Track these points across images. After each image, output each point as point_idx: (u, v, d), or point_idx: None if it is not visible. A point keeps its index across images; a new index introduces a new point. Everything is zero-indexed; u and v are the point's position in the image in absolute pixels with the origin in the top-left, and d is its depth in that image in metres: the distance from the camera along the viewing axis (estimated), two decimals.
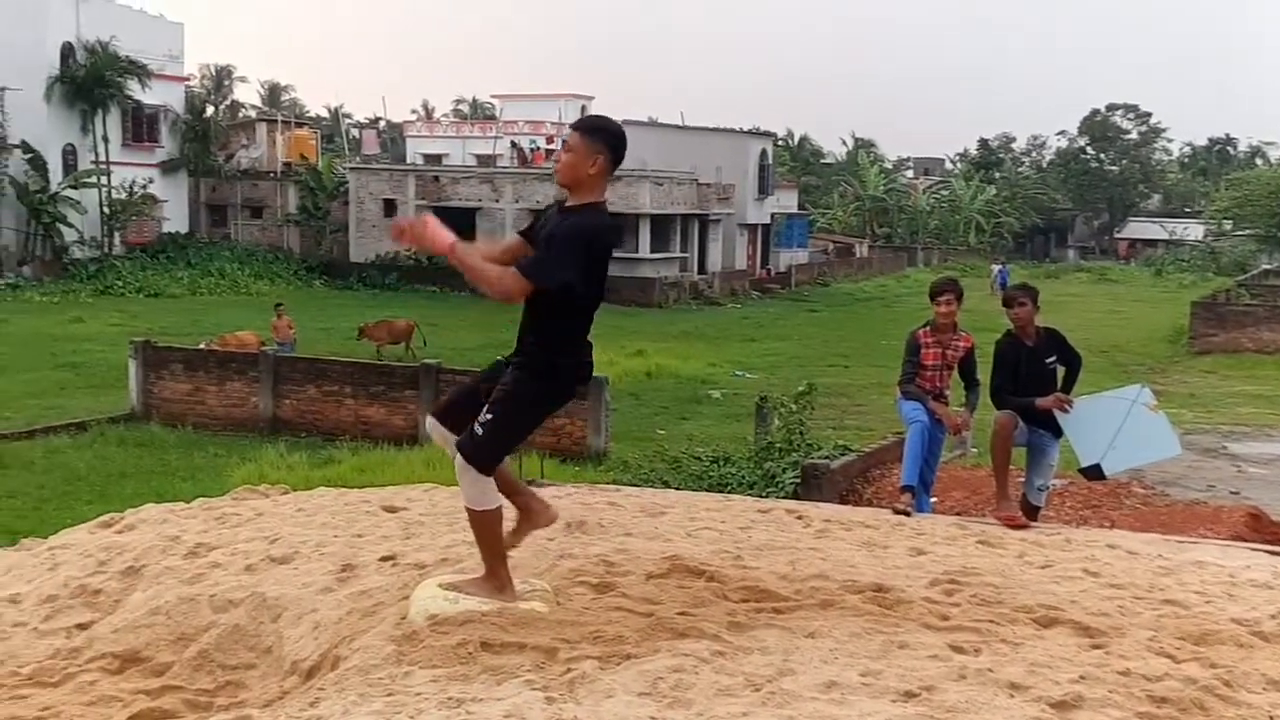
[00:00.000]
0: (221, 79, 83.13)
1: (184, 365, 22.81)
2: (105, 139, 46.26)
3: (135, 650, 4.72)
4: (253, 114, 72.33)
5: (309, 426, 21.82)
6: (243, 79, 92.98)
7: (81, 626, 5.02)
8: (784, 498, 12.22)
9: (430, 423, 4.68)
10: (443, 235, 4.29)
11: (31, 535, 7.12)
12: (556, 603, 4.50)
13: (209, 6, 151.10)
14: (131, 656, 4.69)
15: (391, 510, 6.36)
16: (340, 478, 16.13)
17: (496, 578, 4.49)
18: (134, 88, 47.10)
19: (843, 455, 15.37)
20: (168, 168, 51.17)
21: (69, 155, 46.81)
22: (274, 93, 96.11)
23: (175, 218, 51.63)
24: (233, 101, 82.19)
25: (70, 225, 44.41)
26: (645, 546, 5.44)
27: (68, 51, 46.60)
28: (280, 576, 5.10)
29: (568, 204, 4.46)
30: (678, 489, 13.08)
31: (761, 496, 11.43)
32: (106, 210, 46.48)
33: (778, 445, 16.11)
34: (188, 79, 59.06)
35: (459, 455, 4.39)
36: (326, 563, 5.23)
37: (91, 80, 45.94)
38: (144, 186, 48.17)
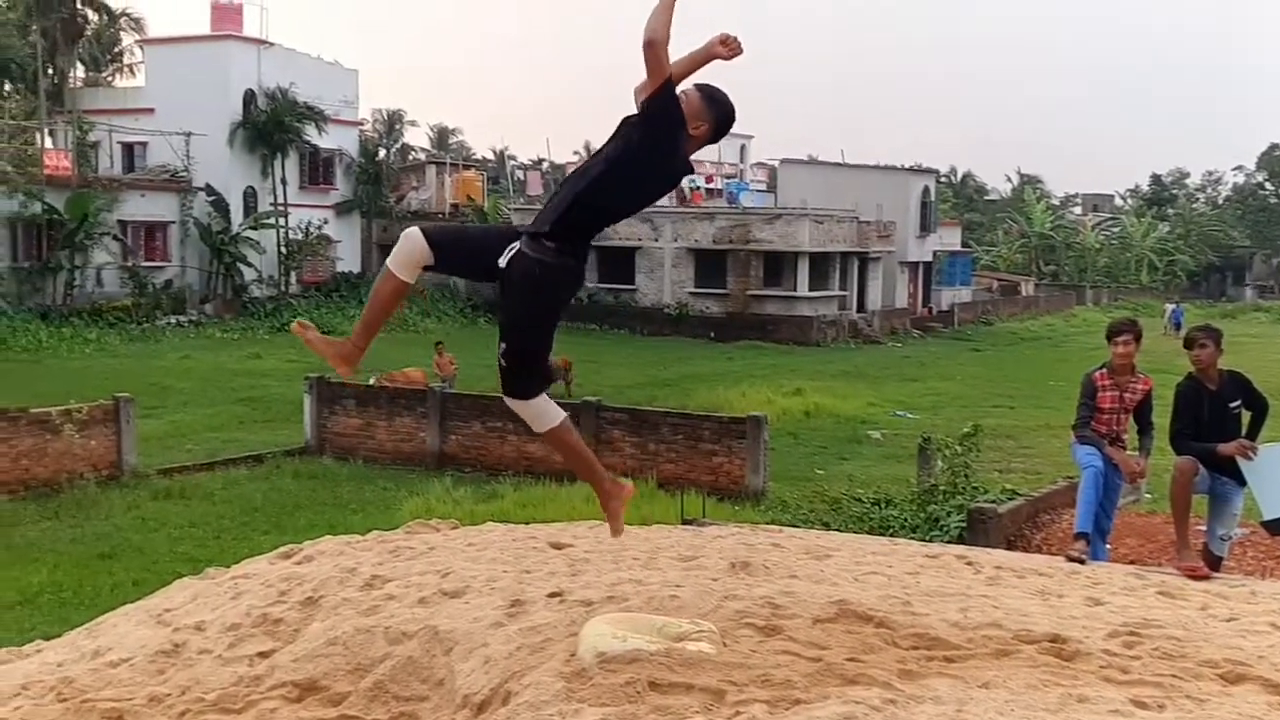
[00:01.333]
0: (393, 123, 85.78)
1: (355, 401, 23.52)
2: (284, 182, 48.23)
3: (314, 679, 4.85)
4: (422, 157, 74.48)
5: (474, 461, 22.25)
6: (413, 123, 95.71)
7: (263, 654, 5.18)
8: (949, 542, 11.97)
9: (413, 233, 4.47)
10: None
11: (213, 564, 7.39)
12: (723, 644, 4.48)
13: (383, 54, 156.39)
14: (310, 685, 4.82)
15: (558, 547, 6.43)
16: (504, 512, 16.41)
17: (599, 481, 4.62)
18: (311, 133, 49.04)
19: (1010, 499, 14.99)
20: (342, 209, 53.05)
21: (249, 197, 48.94)
22: (442, 136, 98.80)
23: (348, 257, 53.45)
24: (403, 145, 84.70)
25: (250, 265, 46.36)
26: (811, 590, 5.39)
27: (249, 99, 48.78)
28: (452, 610, 5.19)
29: None
30: (838, 530, 12.94)
31: (925, 540, 11.22)
32: (284, 250, 48.39)
33: (941, 488, 15.84)
34: (361, 124, 61.24)
35: (509, 399, 4.49)
36: (496, 597, 5.31)
37: (271, 126, 47.98)
38: (319, 227, 50.05)
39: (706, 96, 4.38)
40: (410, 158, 77.35)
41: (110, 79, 59.90)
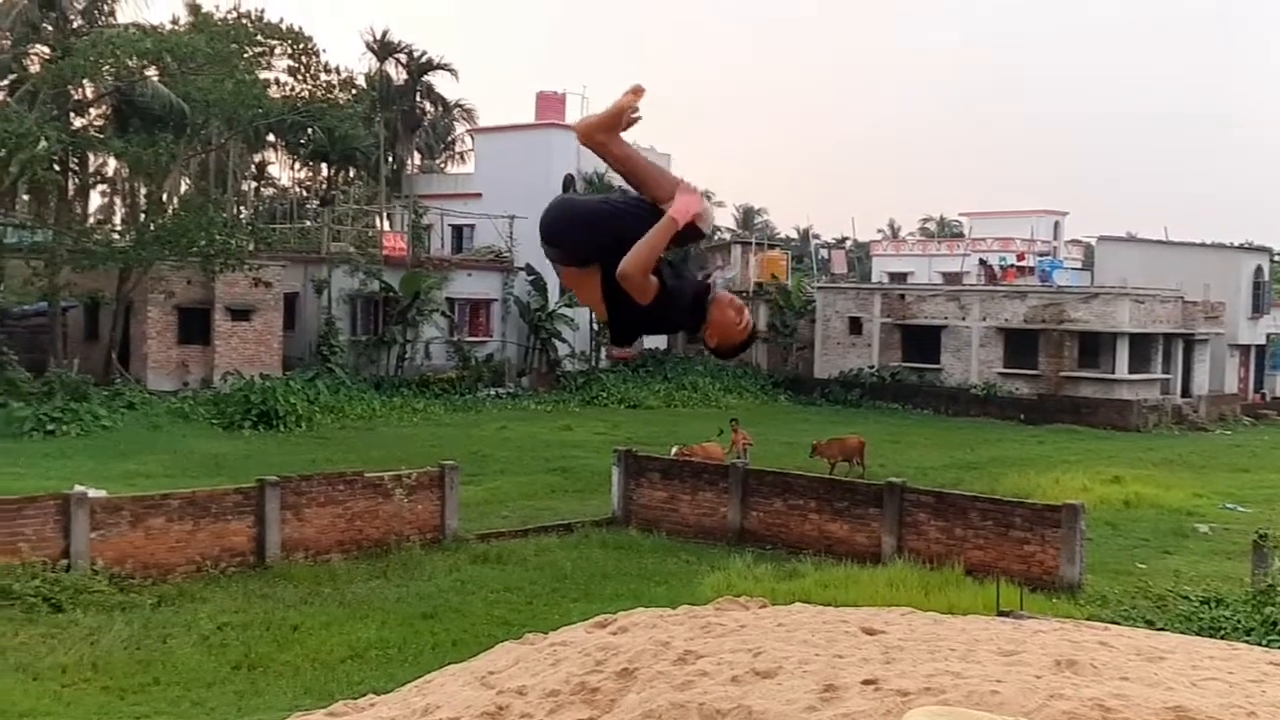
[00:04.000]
0: None
1: (661, 474, 23.98)
2: None
3: None
4: (728, 236, 75.71)
5: (774, 539, 22.22)
6: (720, 204, 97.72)
7: None
8: None
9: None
10: (693, 203, 3.96)
11: (526, 628, 7.67)
12: None
13: (694, 139, 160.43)
14: None
15: (870, 632, 6.32)
16: (805, 592, 16.30)
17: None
18: None
19: None
20: None
21: None
22: (747, 216, 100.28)
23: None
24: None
25: (564, 340, 48.32)
26: (1144, 694, 5.09)
27: (569, 182, 48.77)
28: (764, 691, 5.18)
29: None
30: (1164, 629, 12.17)
31: (1262, 645, 10.39)
32: (595, 327, 50.13)
33: None
34: None
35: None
36: (809, 681, 5.26)
37: None
38: None
39: (746, 337, 4.26)
40: (716, 238, 78.79)
41: (443, 166, 64.13)
